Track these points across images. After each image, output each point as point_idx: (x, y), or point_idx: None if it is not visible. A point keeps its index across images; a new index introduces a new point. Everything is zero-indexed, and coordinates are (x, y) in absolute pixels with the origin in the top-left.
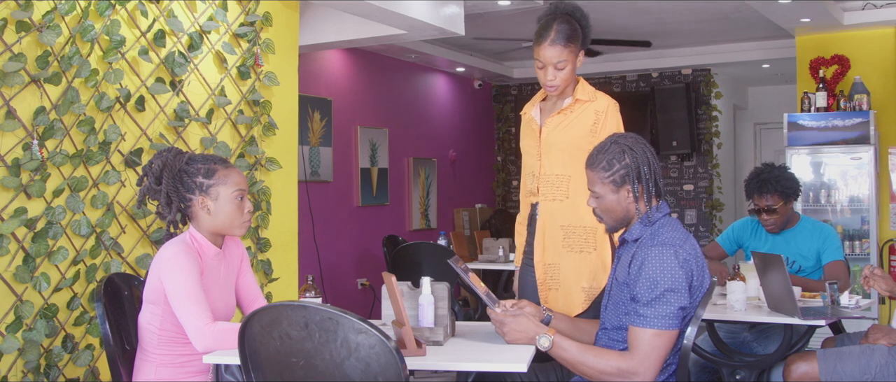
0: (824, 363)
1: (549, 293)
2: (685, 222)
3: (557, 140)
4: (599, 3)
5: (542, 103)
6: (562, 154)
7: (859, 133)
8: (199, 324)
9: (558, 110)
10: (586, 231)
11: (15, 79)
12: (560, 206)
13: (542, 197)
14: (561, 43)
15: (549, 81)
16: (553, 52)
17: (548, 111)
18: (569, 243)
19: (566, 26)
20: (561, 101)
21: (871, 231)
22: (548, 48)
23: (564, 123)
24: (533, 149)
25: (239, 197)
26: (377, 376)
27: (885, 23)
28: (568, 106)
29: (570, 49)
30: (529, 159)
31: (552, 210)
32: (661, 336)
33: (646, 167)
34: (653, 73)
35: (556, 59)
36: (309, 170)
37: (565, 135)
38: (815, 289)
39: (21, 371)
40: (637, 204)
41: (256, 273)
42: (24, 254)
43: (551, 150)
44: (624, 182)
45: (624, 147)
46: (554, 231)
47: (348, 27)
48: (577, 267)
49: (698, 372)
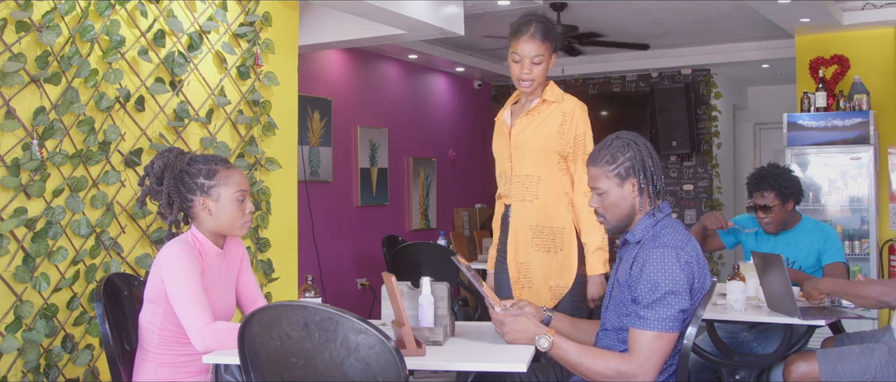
0: (824, 363)
1: (523, 291)
2: (685, 222)
3: (526, 141)
4: (599, 3)
5: (513, 106)
6: (531, 155)
7: (859, 133)
8: (199, 324)
9: (526, 111)
10: (554, 231)
11: (15, 79)
12: (530, 207)
13: (513, 198)
14: (539, 38)
15: (524, 75)
16: (531, 46)
17: (517, 113)
18: (537, 243)
19: (544, 25)
20: (529, 103)
21: (870, 231)
22: (527, 42)
23: (533, 124)
24: (504, 151)
25: (240, 197)
26: (377, 376)
27: (884, 23)
28: (535, 106)
29: (547, 46)
30: (501, 162)
31: (523, 210)
32: (661, 339)
33: (649, 160)
34: (652, 73)
35: (533, 52)
36: (309, 170)
37: (534, 136)
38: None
39: (21, 371)
40: (641, 198)
41: (256, 273)
42: (23, 254)
43: (520, 151)
44: (629, 174)
45: (627, 141)
46: (524, 231)
47: (348, 27)
48: (545, 266)
49: (698, 372)
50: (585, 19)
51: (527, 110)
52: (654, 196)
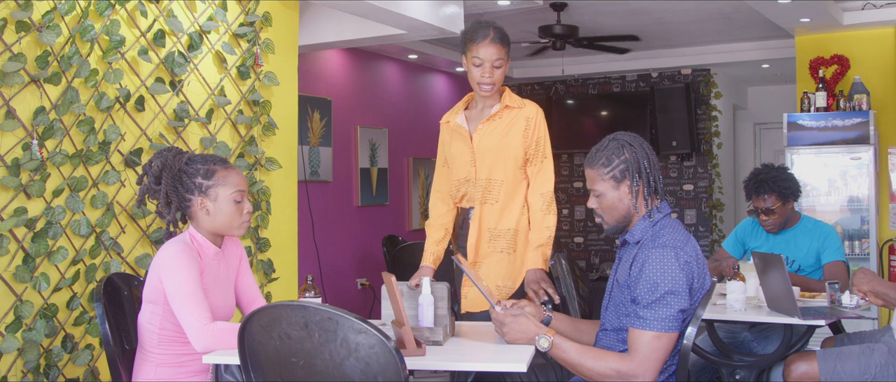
0: (824, 363)
1: (471, 289)
2: (685, 222)
3: (491, 146)
4: (599, 3)
5: (467, 112)
6: (494, 159)
7: (859, 133)
8: (197, 324)
9: (488, 117)
10: (509, 233)
11: (15, 79)
12: (493, 210)
13: (476, 201)
14: (498, 42)
15: (486, 79)
16: (493, 50)
17: (475, 119)
18: (496, 245)
19: (501, 30)
20: (489, 108)
21: (870, 231)
22: (489, 46)
23: (498, 129)
24: (466, 156)
25: (238, 198)
26: (377, 376)
27: (884, 23)
28: (497, 112)
29: (506, 50)
30: (462, 166)
31: (486, 213)
32: (661, 339)
33: (645, 161)
34: (652, 73)
35: (495, 56)
36: (309, 170)
37: (499, 141)
38: (815, 289)
39: (21, 370)
40: (636, 200)
41: (256, 273)
42: (23, 254)
43: (484, 156)
44: (624, 177)
45: (622, 143)
46: (486, 233)
47: (348, 27)
48: (498, 266)
49: (698, 372)
50: (585, 19)
51: (488, 116)
52: (652, 196)
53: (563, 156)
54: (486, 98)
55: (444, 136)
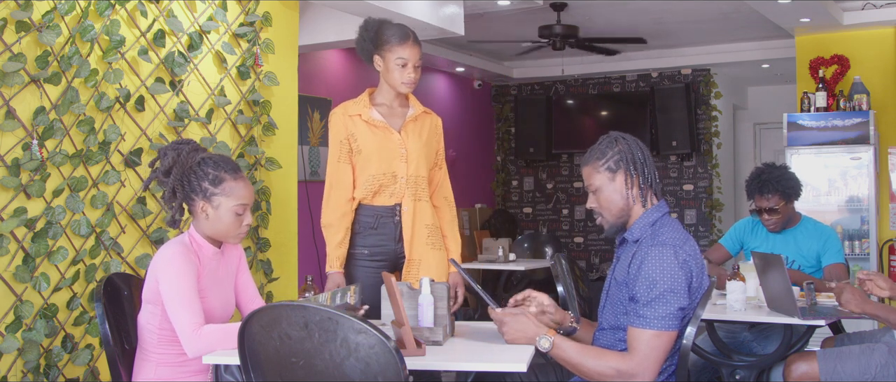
0: (824, 363)
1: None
2: (685, 222)
3: (420, 146)
4: (599, 3)
5: (378, 109)
6: (421, 158)
7: (859, 133)
8: (187, 330)
9: (412, 118)
10: (437, 229)
11: (15, 79)
12: (425, 206)
13: (406, 197)
14: (418, 44)
15: (409, 80)
16: (416, 50)
17: (395, 117)
18: (430, 241)
19: (416, 34)
20: (405, 110)
21: (870, 231)
22: (412, 46)
23: (424, 131)
24: (395, 152)
25: (240, 211)
26: (377, 376)
27: (884, 23)
28: (418, 115)
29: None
30: (390, 161)
31: (419, 209)
32: (660, 337)
33: (639, 152)
34: (652, 73)
35: (417, 57)
36: (308, 170)
37: (424, 143)
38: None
39: (21, 370)
40: (632, 190)
41: (256, 273)
42: (23, 254)
43: (414, 154)
44: (619, 167)
45: (615, 137)
46: (420, 229)
47: (348, 27)
48: (437, 263)
49: (698, 372)
50: (585, 19)
51: (412, 116)
52: (647, 187)
53: (563, 157)
54: (398, 97)
55: (351, 128)
